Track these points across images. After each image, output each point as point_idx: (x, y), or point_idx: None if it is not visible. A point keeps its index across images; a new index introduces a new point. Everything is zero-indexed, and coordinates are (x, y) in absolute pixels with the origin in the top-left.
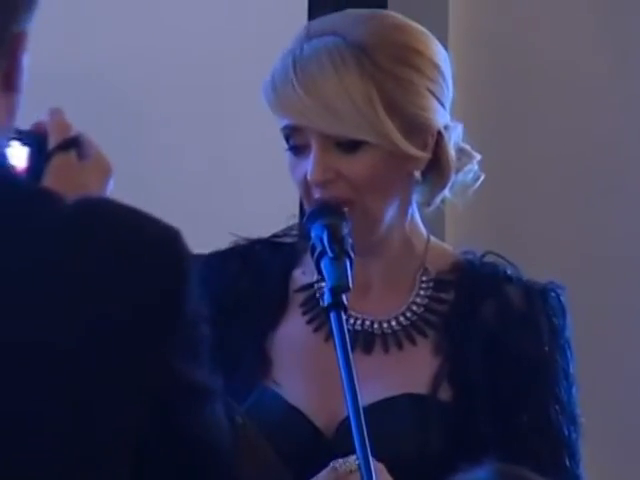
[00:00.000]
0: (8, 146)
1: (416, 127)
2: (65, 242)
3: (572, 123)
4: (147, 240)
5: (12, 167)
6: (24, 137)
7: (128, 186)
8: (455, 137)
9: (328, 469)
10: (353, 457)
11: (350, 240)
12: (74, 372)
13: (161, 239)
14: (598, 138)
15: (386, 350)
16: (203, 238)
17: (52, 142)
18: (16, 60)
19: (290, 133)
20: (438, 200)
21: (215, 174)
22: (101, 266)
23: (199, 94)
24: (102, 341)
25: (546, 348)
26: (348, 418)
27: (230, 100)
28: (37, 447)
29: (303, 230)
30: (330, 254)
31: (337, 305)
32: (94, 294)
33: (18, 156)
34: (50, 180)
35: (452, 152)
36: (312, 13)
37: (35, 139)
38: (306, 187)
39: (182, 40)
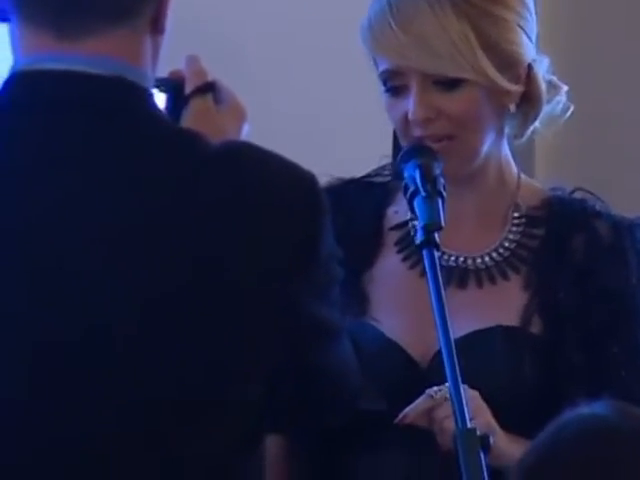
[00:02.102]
0: (153, 85)
1: (509, 62)
2: (210, 180)
3: None
4: (289, 183)
5: (159, 109)
6: (162, 84)
7: None
8: (543, 69)
9: (424, 396)
10: (448, 385)
11: (442, 180)
12: (213, 308)
13: (299, 183)
14: None
15: (480, 285)
16: None
17: (189, 88)
18: (164, 4)
19: (388, 76)
20: (529, 132)
21: (309, 119)
22: (246, 204)
23: (293, 38)
24: (239, 276)
25: (634, 280)
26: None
27: (325, 45)
28: (181, 373)
29: (396, 170)
30: (423, 193)
31: (429, 243)
32: (235, 232)
33: (158, 102)
34: (189, 122)
35: (542, 84)
36: None
37: (173, 85)
38: (405, 126)
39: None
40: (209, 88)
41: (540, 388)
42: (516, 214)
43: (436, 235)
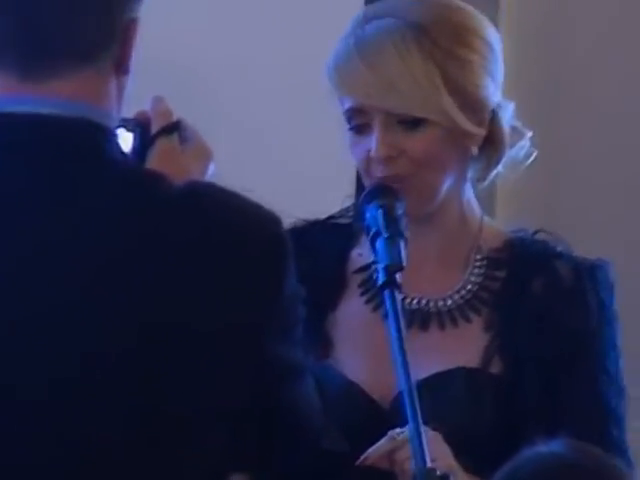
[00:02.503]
0: (119, 126)
1: (473, 104)
2: (173, 222)
3: (622, 103)
4: (252, 224)
5: (123, 149)
6: (129, 124)
7: None
8: (507, 115)
9: (386, 438)
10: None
11: (404, 221)
12: (177, 350)
13: (265, 224)
14: None
15: (442, 327)
16: None
17: (155, 128)
18: (129, 46)
19: (353, 114)
20: (492, 176)
21: (273, 160)
22: (209, 245)
23: (259, 77)
24: (204, 323)
25: (594, 322)
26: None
27: (290, 82)
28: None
29: (358, 211)
30: (385, 234)
31: (391, 284)
32: (196, 276)
33: (124, 142)
34: (154, 162)
35: (506, 128)
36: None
37: (139, 125)
38: (367, 165)
39: (242, 24)
40: (174, 128)
41: (501, 428)
42: (478, 256)
43: (398, 276)
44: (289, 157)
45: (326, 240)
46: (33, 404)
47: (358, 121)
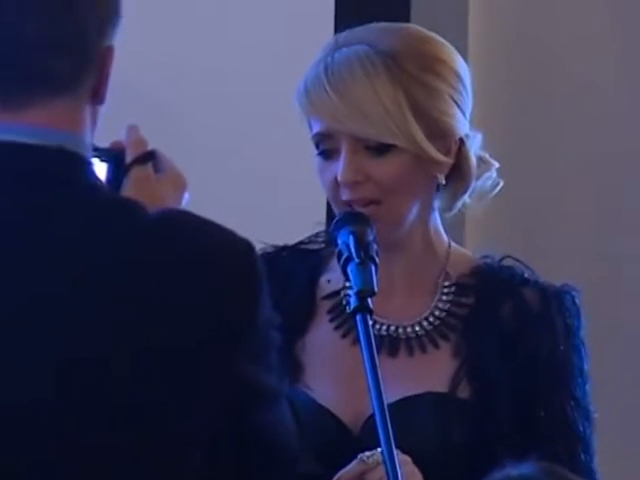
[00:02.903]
0: (93, 156)
1: (440, 132)
2: (147, 249)
3: (591, 132)
4: (225, 250)
5: (98, 177)
6: (103, 154)
7: None
8: (475, 145)
9: (356, 461)
10: (380, 450)
11: (375, 246)
12: (150, 375)
13: (238, 249)
14: (618, 145)
15: (411, 354)
16: None
17: (129, 157)
18: (104, 74)
19: (321, 139)
20: (459, 205)
21: (244, 185)
22: (178, 273)
23: (230, 105)
24: (177, 348)
25: (561, 347)
26: (374, 415)
27: (259, 111)
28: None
29: (330, 237)
30: (356, 259)
31: (363, 308)
32: (169, 300)
33: (98, 172)
34: (129, 191)
35: (473, 159)
36: (338, 27)
37: (113, 155)
38: (335, 189)
39: (214, 54)
40: (149, 157)
41: (469, 451)
42: (446, 282)
43: (370, 301)
44: (261, 184)
45: (296, 266)
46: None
47: (326, 146)
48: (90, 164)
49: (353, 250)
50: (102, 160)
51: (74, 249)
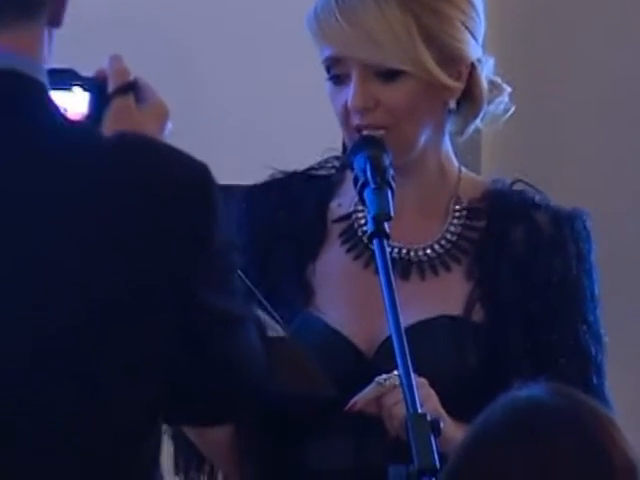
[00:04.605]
0: (76, 85)
1: (451, 58)
2: (103, 174)
3: (602, 57)
4: (177, 174)
5: (53, 101)
6: (85, 83)
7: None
8: (487, 70)
9: (373, 384)
10: (396, 373)
11: (392, 171)
12: (107, 298)
13: (190, 174)
14: (630, 69)
15: (422, 277)
16: (245, 175)
17: (112, 87)
18: None
19: (331, 64)
20: (470, 130)
21: (258, 113)
22: (134, 197)
23: (241, 38)
24: (132, 269)
25: (573, 271)
26: (388, 339)
27: (271, 40)
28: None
29: (346, 162)
30: (372, 185)
31: (380, 232)
32: (126, 223)
33: (80, 101)
34: (109, 122)
35: (484, 83)
36: None
37: (95, 84)
38: (346, 115)
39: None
40: (130, 87)
41: (483, 375)
42: (457, 206)
43: (386, 225)
44: (275, 109)
45: (306, 191)
46: None
47: (337, 71)
48: (44, 87)
49: (369, 175)
50: (85, 89)
51: (29, 175)
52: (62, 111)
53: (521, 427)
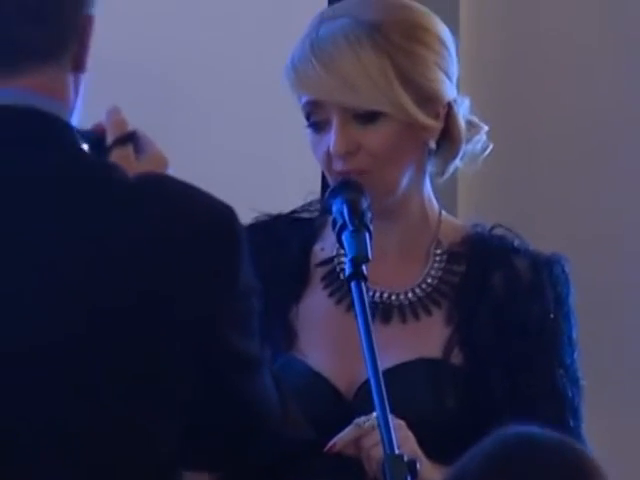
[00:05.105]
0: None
1: (428, 98)
2: (127, 209)
3: (577, 96)
4: (205, 215)
5: (79, 138)
6: (84, 136)
7: None
8: (463, 109)
9: (352, 425)
10: (375, 414)
11: (369, 214)
12: (130, 335)
13: (217, 215)
14: (604, 109)
15: (403, 320)
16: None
17: (110, 139)
18: (85, 42)
19: (311, 110)
20: (451, 169)
21: (239, 156)
22: (161, 235)
23: (224, 78)
24: (157, 308)
25: (551, 315)
26: (367, 381)
27: (252, 85)
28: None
29: (325, 205)
30: (350, 227)
31: (357, 275)
32: (149, 261)
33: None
34: None
35: (462, 122)
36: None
37: (94, 137)
38: (328, 161)
39: (210, 34)
40: (129, 138)
41: (461, 417)
42: (438, 250)
43: (364, 268)
44: (257, 152)
45: (290, 234)
46: None
47: (316, 117)
48: (72, 128)
49: (347, 218)
50: (83, 142)
51: (56, 209)
52: (88, 150)
53: (510, 460)
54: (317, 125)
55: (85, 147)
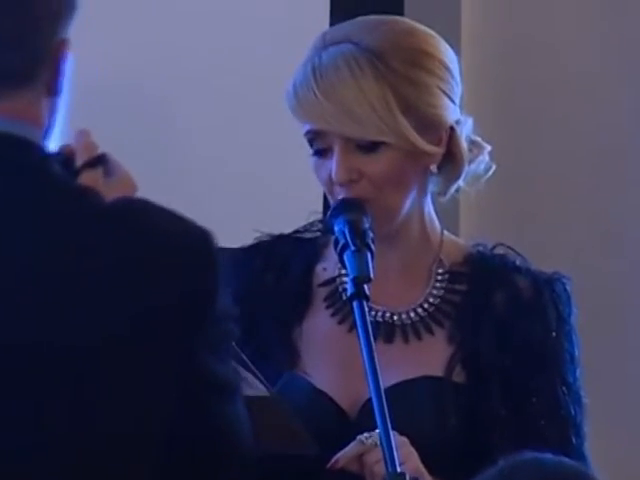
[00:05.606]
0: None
1: (430, 125)
2: (102, 233)
3: (581, 116)
4: (181, 240)
5: (55, 162)
6: (52, 157)
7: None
8: (466, 130)
9: (355, 442)
10: (378, 431)
11: (371, 234)
12: (103, 362)
13: (193, 239)
14: (609, 129)
15: (406, 340)
16: (230, 238)
17: (79, 161)
18: (59, 67)
19: (313, 137)
20: (452, 190)
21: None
22: (135, 260)
23: (226, 101)
24: (131, 334)
25: (553, 334)
26: (370, 399)
27: (256, 106)
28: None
29: (327, 225)
30: (352, 247)
31: (359, 295)
32: (125, 286)
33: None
34: None
35: (464, 145)
36: (333, 20)
37: (63, 159)
38: (330, 185)
39: (211, 54)
40: (99, 161)
41: (464, 435)
42: (440, 270)
43: (366, 287)
44: (258, 172)
45: (292, 254)
46: None
47: (319, 145)
48: (46, 153)
49: (349, 238)
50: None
51: (31, 233)
52: (63, 176)
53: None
54: (320, 152)
55: (59, 171)
